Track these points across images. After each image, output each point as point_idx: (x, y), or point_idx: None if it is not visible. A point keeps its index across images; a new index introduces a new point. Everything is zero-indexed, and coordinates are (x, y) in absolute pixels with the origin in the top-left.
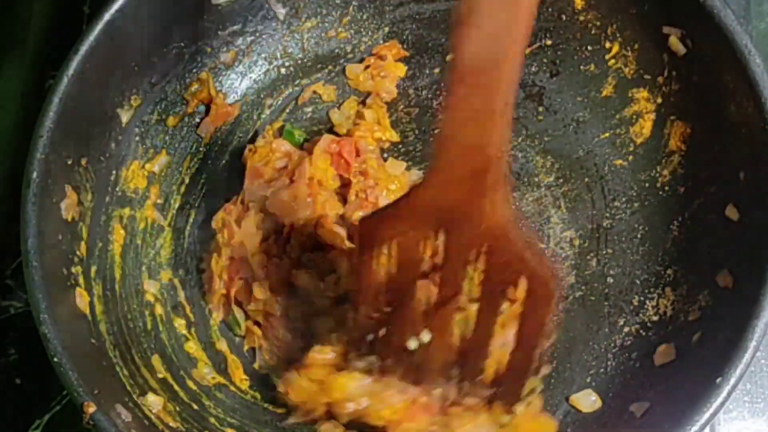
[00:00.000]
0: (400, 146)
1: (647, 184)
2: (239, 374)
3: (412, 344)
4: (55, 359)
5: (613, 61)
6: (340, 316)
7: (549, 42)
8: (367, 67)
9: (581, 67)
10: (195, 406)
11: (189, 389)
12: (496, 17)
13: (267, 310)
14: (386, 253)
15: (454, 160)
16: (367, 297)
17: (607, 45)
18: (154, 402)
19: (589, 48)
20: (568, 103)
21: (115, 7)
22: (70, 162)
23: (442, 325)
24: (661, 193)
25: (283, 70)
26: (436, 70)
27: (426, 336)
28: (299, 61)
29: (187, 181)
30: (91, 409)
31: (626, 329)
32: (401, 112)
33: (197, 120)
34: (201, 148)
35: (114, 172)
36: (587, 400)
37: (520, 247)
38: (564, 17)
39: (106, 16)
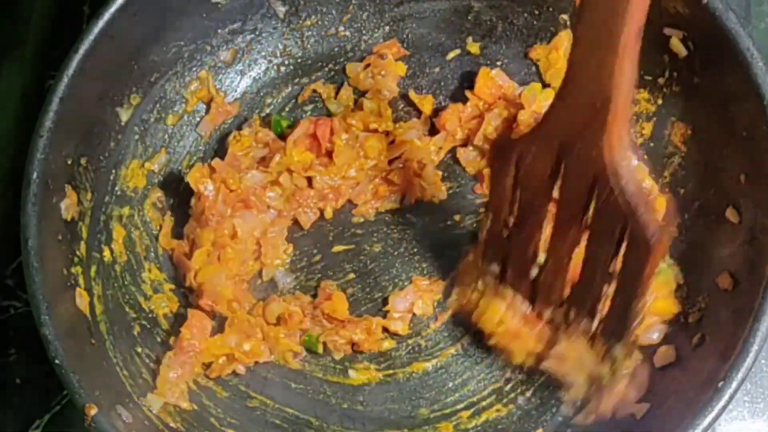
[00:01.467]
0: None
1: None
2: None
3: (540, 259)
4: (56, 361)
5: None
6: None
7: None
8: (368, 65)
9: None
10: (195, 406)
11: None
12: None
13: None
14: (513, 174)
15: (576, 90)
16: (498, 208)
17: None
18: (154, 402)
19: None
20: None
21: (115, 7)
22: (70, 162)
23: (559, 250)
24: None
25: (282, 69)
26: (436, 69)
27: (542, 257)
28: (299, 60)
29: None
30: (93, 411)
31: None
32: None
33: (197, 119)
34: (200, 147)
35: (114, 171)
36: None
37: (630, 193)
38: (564, 17)
39: (106, 16)
